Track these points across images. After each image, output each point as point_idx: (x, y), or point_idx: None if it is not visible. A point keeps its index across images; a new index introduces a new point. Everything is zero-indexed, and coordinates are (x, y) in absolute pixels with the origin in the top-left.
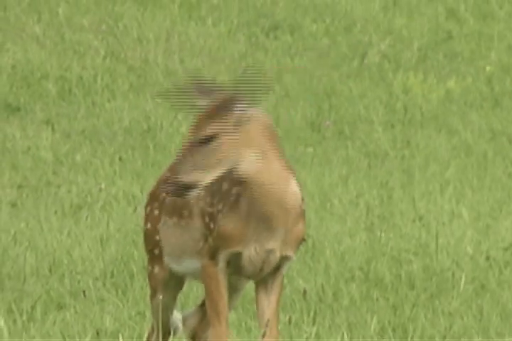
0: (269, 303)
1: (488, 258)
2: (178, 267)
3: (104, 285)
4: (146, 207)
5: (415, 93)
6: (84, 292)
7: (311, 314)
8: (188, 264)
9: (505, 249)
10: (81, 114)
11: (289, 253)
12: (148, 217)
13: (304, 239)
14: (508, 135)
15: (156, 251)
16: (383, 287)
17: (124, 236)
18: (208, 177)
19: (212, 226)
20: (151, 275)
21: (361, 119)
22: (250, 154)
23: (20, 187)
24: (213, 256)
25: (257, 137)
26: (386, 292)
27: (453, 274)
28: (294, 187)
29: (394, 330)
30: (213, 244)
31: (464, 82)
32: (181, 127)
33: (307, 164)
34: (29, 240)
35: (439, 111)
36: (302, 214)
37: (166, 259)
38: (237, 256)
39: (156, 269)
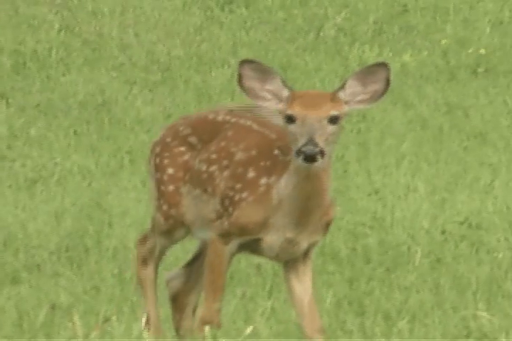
0: (304, 290)
1: (443, 232)
2: (197, 232)
3: (59, 259)
4: (155, 158)
5: None
6: (39, 266)
7: (267, 288)
8: (203, 234)
9: (461, 223)
10: (36, 87)
11: (318, 238)
12: (157, 167)
13: (330, 225)
14: (464, 108)
15: (161, 202)
16: (339, 261)
17: (79, 210)
18: (327, 152)
19: (231, 210)
20: (154, 222)
21: None
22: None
23: None
24: (225, 236)
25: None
26: (342, 266)
27: (409, 248)
28: (330, 184)
29: (350, 304)
30: (228, 228)
31: (420, 56)
32: (136, 101)
33: None
34: None
35: (394, 85)
36: (332, 201)
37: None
38: (257, 241)
39: (160, 218)
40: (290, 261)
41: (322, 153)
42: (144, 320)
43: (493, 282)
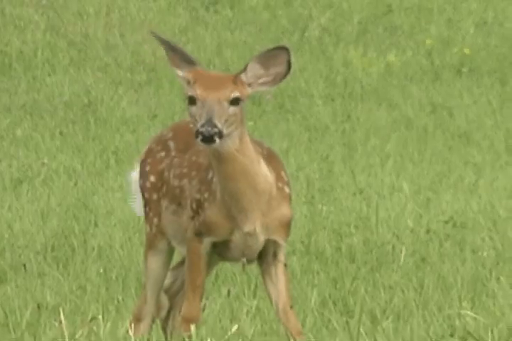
0: (278, 294)
1: (428, 231)
2: (178, 247)
3: (45, 259)
4: (141, 163)
5: (355, 67)
6: (25, 266)
7: (252, 287)
8: (184, 249)
9: (446, 222)
10: (21, 88)
11: (276, 238)
12: (142, 174)
13: (289, 226)
14: (448, 108)
15: (147, 209)
16: (324, 260)
17: (65, 210)
18: (228, 133)
19: (200, 212)
20: (147, 234)
21: (302, 93)
22: (240, 129)
23: None
24: (198, 235)
25: (243, 116)
26: (326, 265)
27: (393, 247)
28: (264, 170)
29: (334, 304)
30: (199, 228)
31: (404, 56)
32: (122, 101)
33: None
34: None
35: (379, 85)
36: (285, 198)
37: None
38: (223, 242)
39: (148, 228)
40: (264, 265)
41: (220, 133)
42: None
43: (478, 281)
